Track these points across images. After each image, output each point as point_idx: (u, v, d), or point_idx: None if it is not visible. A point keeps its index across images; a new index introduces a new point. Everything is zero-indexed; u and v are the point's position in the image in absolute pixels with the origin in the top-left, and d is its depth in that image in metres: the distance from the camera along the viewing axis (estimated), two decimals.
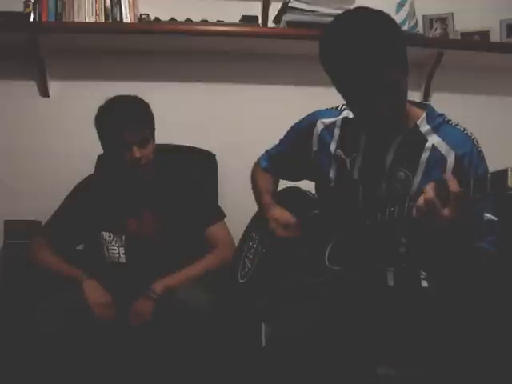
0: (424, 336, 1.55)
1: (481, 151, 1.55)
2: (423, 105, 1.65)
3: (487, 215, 1.51)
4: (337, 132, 1.68)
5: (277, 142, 1.89)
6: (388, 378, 1.54)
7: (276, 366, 1.52)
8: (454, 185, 1.30)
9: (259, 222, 1.89)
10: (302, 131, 1.76)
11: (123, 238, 2.09)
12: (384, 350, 1.56)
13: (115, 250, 2.10)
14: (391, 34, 1.43)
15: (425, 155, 1.55)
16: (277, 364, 1.52)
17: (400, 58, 1.45)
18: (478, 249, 1.50)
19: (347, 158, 1.64)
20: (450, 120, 1.60)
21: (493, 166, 1.50)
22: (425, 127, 1.57)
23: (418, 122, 1.57)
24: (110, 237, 2.10)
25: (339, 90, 1.52)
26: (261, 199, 1.88)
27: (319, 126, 1.71)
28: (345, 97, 1.54)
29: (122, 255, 2.09)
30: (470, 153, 1.52)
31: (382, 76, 1.41)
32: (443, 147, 1.54)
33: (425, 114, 1.58)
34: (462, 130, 1.57)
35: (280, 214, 1.78)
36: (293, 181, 1.90)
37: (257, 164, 1.96)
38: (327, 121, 1.70)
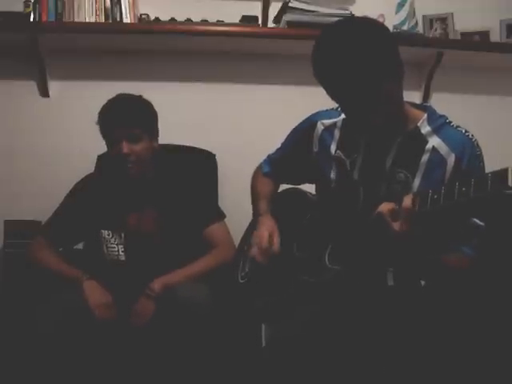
0: (424, 336, 1.55)
1: (480, 154, 1.55)
2: (423, 106, 1.64)
3: (474, 220, 1.51)
4: (337, 133, 1.68)
5: (277, 141, 1.89)
6: (387, 378, 1.54)
7: (276, 367, 1.52)
8: (407, 201, 1.36)
9: None
10: (302, 133, 1.76)
11: (122, 235, 2.09)
12: (384, 349, 1.56)
13: (114, 247, 2.10)
14: (384, 46, 1.42)
15: (425, 157, 1.55)
16: (277, 364, 1.52)
17: (394, 68, 1.44)
18: (459, 251, 1.53)
19: (347, 159, 1.64)
20: (451, 122, 1.60)
21: (493, 165, 1.49)
22: (426, 128, 1.57)
23: (418, 124, 1.57)
24: (109, 235, 2.10)
25: (335, 101, 1.53)
26: (256, 207, 1.87)
27: (319, 127, 1.71)
28: (342, 109, 1.58)
29: (121, 253, 2.09)
30: (469, 155, 1.53)
31: (377, 89, 1.41)
32: (444, 149, 1.54)
33: (426, 116, 1.58)
34: (463, 131, 1.57)
35: (263, 233, 1.74)
36: (295, 184, 1.90)
37: (258, 168, 1.96)
38: (327, 122, 1.71)
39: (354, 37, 1.41)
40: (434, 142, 1.55)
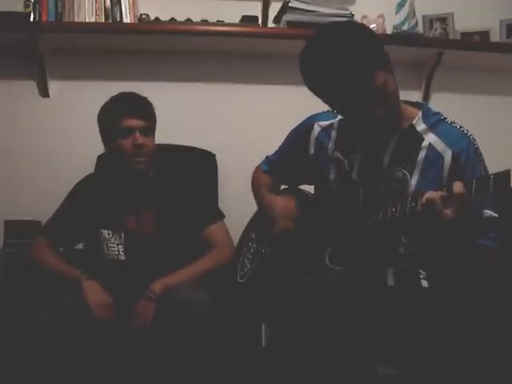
0: (424, 336, 1.55)
1: (478, 148, 1.56)
2: (419, 104, 1.66)
3: (488, 212, 1.51)
4: (334, 134, 1.69)
5: (277, 141, 1.89)
6: (388, 378, 1.54)
7: (276, 367, 1.52)
8: (458, 186, 1.32)
9: (258, 221, 1.89)
10: (299, 135, 1.78)
11: (122, 235, 2.09)
12: (384, 349, 1.56)
13: (114, 247, 2.10)
14: (363, 40, 1.45)
15: (422, 154, 1.56)
16: (277, 364, 1.52)
17: (378, 60, 1.46)
18: (480, 245, 1.51)
19: (345, 159, 1.64)
20: (445, 118, 1.61)
21: (493, 165, 1.50)
22: (421, 126, 1.58)
23: (413, 122, 1.58)
24: (109, 234, 2.10)
25: (333, 107, 1.57)
26: (259, 196, 1.88)
27: (316, 128, 1.73)
28: (341, 112, 1.61)
29: (121, 253, 2.09)
30: (466, 150, 1.53)
31: (368, 82, 1.43)
32: (440, 145, 1.55)
33: (421, 113, 1.59)
34: (458, 127, 1.59)
35: (284, 204, 1.78)
36: (293, 185, 1.90)
37: (258, 168, 1.97)
38: (324, 123, 1.72)
39: (334, 35, 1.46)
40: (430, 139, 1.57)
